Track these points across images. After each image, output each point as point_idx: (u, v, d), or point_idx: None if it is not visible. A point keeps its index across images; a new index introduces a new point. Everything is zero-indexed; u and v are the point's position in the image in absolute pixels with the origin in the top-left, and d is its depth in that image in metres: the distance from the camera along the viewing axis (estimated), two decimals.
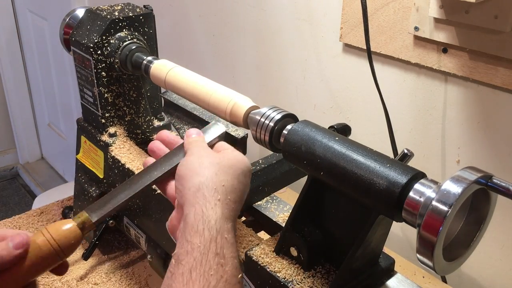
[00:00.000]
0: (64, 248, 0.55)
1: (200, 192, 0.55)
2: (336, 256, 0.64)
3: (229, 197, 0.56)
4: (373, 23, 0.97)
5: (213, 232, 0.52)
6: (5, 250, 0.52)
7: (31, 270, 0.54)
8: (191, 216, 0.53)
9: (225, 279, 0.49)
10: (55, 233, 0.56)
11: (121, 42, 0.91)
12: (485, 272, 0.98)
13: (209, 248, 0.50)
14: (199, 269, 0.49)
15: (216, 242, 0.51)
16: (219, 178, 0.56)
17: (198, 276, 0.49)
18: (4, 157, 3.25)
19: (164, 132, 0.70)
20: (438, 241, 0.48)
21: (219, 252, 0.51)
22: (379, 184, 0.54)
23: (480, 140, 0.91)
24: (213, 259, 0.50)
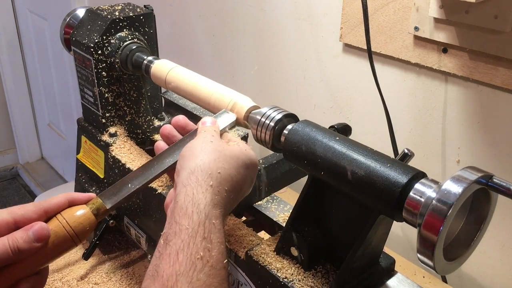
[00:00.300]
0: (79, 234, 0.57)
1: (194, 174, 0.55)
2: (337, 256, 0.64)
3: (222, 185, 0.56)
4: (373, 23, 0.97)
5: (202, 216, 0.52)
6: (26, 243, 0.53)
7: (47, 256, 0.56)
8: (181, 197, 0.54)
9: (211, 264, 0.50)
10: (71, 219, 0.57)
11: (122, 42, 0.91)
12: (485, 272, 0.98)
13: (197, 231, 0.51)
14: (186, 251, 0.50)
15: (204, 226, 0.52)
16: (217, 164, 0.57)
17: (184, 258, 0.50)
18: (4, 157, 3.25)
19: (182, 119, 0.69)
20: (438, 241, 0.48)
21: (207, 236, 0.51)
22: (379, 183, 0.54)
23: (480, 140, 0.91)
24: (200, 243, 0.51)
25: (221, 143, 0.61)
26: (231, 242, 0.72)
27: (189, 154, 0.58)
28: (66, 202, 0.59)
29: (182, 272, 0.49)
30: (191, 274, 0.49)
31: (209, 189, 0.55)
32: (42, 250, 0.55)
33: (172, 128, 0.69)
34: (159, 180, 0.86)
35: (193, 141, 0.61)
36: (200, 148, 0.59)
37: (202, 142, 0.60)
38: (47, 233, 0.55)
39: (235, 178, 0.58)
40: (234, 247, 0.71)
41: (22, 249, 0.53)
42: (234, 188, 0.58)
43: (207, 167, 0.56)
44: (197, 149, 0.59)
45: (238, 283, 0.72)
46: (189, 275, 0.49)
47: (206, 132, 0.62)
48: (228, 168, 0.58)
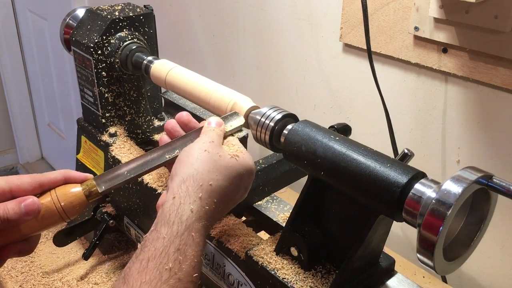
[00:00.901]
0: (67, 211, 0.59)
1: (185, 184, 0.56)
2: (337, 256, 0.64)
3: (212, 198, 0.56)
4: (373, 23, 0.97)
5: (182, 227, 0.53)
6: (17, 214, 0.55)
7: (35, 227, 0.58)
8: (167, 204, 0.54)
9: (178, 277, 0.50)
10: (62, 197, 0.59)
11: (122, 42, 0.91)
12: (485, 272, 0.98)
13: (172, 241, 0.52)
14: (156, 260, 0.50)
15: (181, 238, 0.52)
16: (210, 175, 0.57)
17: (153, 266, 0.50)
18: (4, 157, 3.25)
19: (186, 115, 0.69)
20: (438, 241, 0.48)
21: (181, 248, 0.52)
22: (379, 184, 0.54)
23: (480, 140, 0.91)
24: (172, 254, 0.51)
25: (218, 151, 0.60)
26: (231, 242, 0.72)
27: (185, 160, 0.58)
28: (62, 179, 0.61)
29: (147, 280, 0.49)
30: (154, 284, 0.49)
31: (197, 200, 0.55)
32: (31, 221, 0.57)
33: (176, 124, 0.69)
34: (159, 180, 0.86)
35: (192, 145, 0.61)
36: (197, 155, 0.58)
37: (199, 148, 0.59)
38: (38, 207, 0.56)
39: (226, 190, 0.58)
40: (234, 247, 0.71)
41: (11, 219, 0.55)
42: (224, 199, 0.58)
43: (200, 178, 0.56)
44: (193, 155, 0.58)
45: (238, 283, 0.72)
46: (152, 285, 0.49)
47: (207, 137, 0.62)
48: (221, 180, 0.57)
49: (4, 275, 1.00)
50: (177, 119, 0.69)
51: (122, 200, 0.96)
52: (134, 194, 0.91)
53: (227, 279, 0.75)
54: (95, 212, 1.00)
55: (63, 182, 0.61)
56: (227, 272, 0.74)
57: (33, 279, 1.00)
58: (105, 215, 0.99)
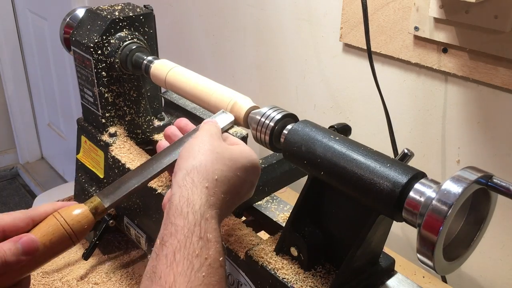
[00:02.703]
0: (77, 232, 0.56)
1: (190, 176, 0.55)
2: (336, 256, 0.64)
3: (218, 187, 0.56)
4: (373, 23, 0.97)
5: (197, 216, 0.52)
6: (14, 256, 0.52)
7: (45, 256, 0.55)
8: (176, 198, 0.54)
9: (209, 263, 0.50)
10: (69, 217, 0.56)
11: (122, 42, 0.91)
12: (485, 272, 0.98)
13: (193, 231, 0.51)
14: (183, 251, 0.50)
15: (200, 226, 0.52)
16: (214, 166, 0.56)
17: (182, 258, 0.49)
18: (4, 157, 3.25)
19: (184, 120, 0.70)
20: (438, 241, 0.48)
21: (203, 236, 0.51)
22: (379, 184, 0.54)
23: (480, 140, 0.91)
24: (197, 243, 0.50)
25: (220, 144, 0.60)
26: (231, 242, 0.72)
27: (187, 154, 0.58)
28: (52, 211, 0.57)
29: (180, 272, 0.48)
30: (189, 273, 0.49)
31: (204, 190, 0.54)
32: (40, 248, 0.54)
33: (176, 129, 0.69)
34: (159, 180, 0.86)
35: (191, 141, 0.60)
36: (198, 148, 0.58)
37: (200, 142, 0.59)
38: (36, 245, 0.53)
39: (232, 181, 0.57)
40: (234, 247, 0.71)
41: (9, 262, 0.51)
42: (231, 190, 0.57)
43: (203, 169, 0.56)
44: (194, 149, 0.58)
45: (238, 283, 0.72)
46: (187, 275, 0.48)
47: (205, 131, 0.62)
48: (225, 170, 0.57)
49: None
50: (176, 125, 0.70)
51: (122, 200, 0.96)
52: (134, 194, 0.91)
53: (227, 279, 0.75)
54: None
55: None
56: (227, 272, 0.74)
57: (33, 279, 1.00)
58: (105, 215, 0.99)
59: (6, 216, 0.55)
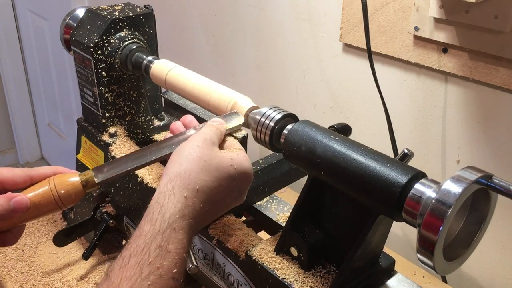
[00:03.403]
0: (64, 199, 0.60)
1: (171, 183, 0.55)
2: (336, 256, 0.64)
3: (198, 198, 0.55)
4: (373, 23, 0.97)
5: (164, 225, 0.52)
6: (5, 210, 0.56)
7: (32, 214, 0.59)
8: (152, 202, 0.55)
9: (159, 273, 0.50)
10: (60, 184, 0.60)
11: (122, 42, 0.91)
12: (485, 272, 0.98)
13: (154, 238, 0.51)
14: (138, 257, 0.50)
15: (163, 235, 0.52)
16: (198, 176, 0.56)
17: (134, 263, 0.50)
18: (4, 157, 3.25)
19: (189, 117, 0.70)
20: (438, 241, 0.48)
21: (163, 245, 0.51)
22: (379, 184, 0.54)
23: (480, 140, 0.91)
24: (154, 250, 0.51)
25: (210, 151, 0.59)
26: (231, 242, 0.72)
27: (175, 159, 0.58)
28: (52, 174, 0.62)
29: (127, 276, 0.49)
30: (135, 279, 0.49)
31: (181, 199, 0.54)
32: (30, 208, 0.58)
33: (181, 125, 0.69)
34: (159, 180, 0.86)
35: (184, 144, 0.60)
36: (187, 154, 0.58)
37: (190, 147, 0.58)
38: (26, 205, 0.57)
39: (215, 191, 0.57)
40: (234, 247, 0.71)
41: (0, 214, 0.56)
42: (213, 200, 0.57)
43: (187, 177, 0.56)
44: (183, 154, 0.58)
45: (238, 283, 0.72)
46: (132, 280, 0.49)
47: (200, 135, 0.61)
48: (209, 180, 0.56)
49: (4, 275, 1.00)
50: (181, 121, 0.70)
51: (122, 200, 0.96)
52: (134, 194, 0.91)
53: (227, 279, 0.75)
54: (95, 212, 1.00)
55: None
56: (227, 272, 0.74)
57: (33, 279, 1.00)
58: (105, 215, 0.99)
59: (6, 171, 0.59)
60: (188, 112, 0.98)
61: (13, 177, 0.59)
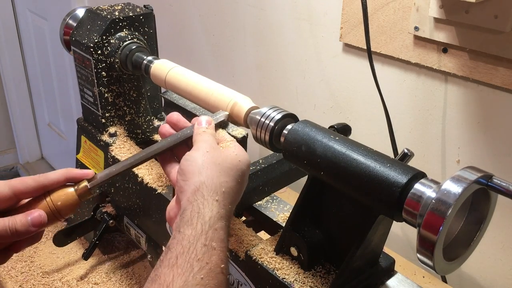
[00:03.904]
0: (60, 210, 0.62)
1: (199, 192, 0.57)
2: (336, 256, 0.64)
3: (227, 199, 0.58)
4: (373, 23, 0.97)
5: (206, 226, 0.54)
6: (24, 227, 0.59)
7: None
8: (187, 213, 0.55)
9: (209, 267, 0.52)
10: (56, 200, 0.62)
11: (121, 42, 0.91)
12: (485, 272, 0.98)
13: (198, 238, 0.53)
14: (185, 256, 0.52)
15: (206, 235, 0.54)
16: (220, 179, 0.58)
17: (183, 262, 0.51)
18: (4, 157, 3.25)
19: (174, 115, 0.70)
20: (438, 241, 0.48)
21: (208, 243, 0.53)
22: (379, 183, 0.54)
23: (480, 140, 0.91)
24: (200, 248, 0.52)
25: (219, 154, 0.61)
26: (231, 242, 0.72)
27: (191, 169, 0.59)
28: (65, 180, 0.64)
29: (179, 273, 0.50)
30: (187, 275, 0.50)
31: (215, 203, 0.56)
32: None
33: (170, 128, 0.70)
34: (159, 180, 0.86)
35: (192, 154, 0.61)
36: (202, 162, 0.59)
37: (202, 155, 0.60)
38: (44, 220, 0.61)
39: (235, 190, 0.59)
40: (234, 247, 0.71)
41: (19, 231, 0.59)
42: (235, 198, 0.60)
43: (211, 183, 0.57)
44: (198, 163, 0.59)
45: (238, 283, 0.72)
46: (185, 275, 0.50)
47: (203, 143, 0.62)
48: (229, 181, 0.59)
49: (4, 275, 1.00)
50: (168, 121, 0.70)
51: (122, 200, 0.96)
52: (134, 194, 0.91)
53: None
54: (95, 212, 1.00)
55: (65, 181, 0.64)
56: None
57: (33, 279, 1.00)
58: (105, 215, 0.99)
59: (18, 182, 0.62)
60: (188, 112, 0.98)
61: (24, 187, 0.62)
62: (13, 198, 0.61)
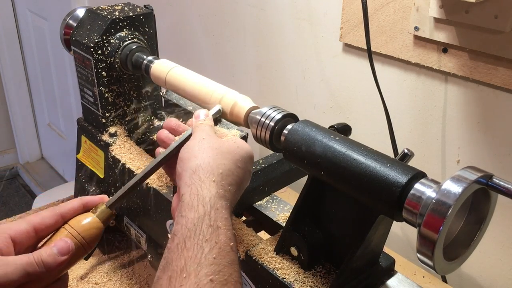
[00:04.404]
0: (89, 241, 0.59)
1: (196, 174, 0.57)
2: (337, 255, 0.64)
3: (224, 180, 0.58)
4: (373, 23, 0.97)
5: (207, 207, 0.54)
6: (51, 257, 0.55)
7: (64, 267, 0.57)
8: (186, 196, 0.55)
9: (219, 246, 0.51)
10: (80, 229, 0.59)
11: (122, 42, 0.91)
12: (485, 272, 0.98)
13: (203, 220, 0.53)
14: (193, 238, 0.51)
15: (209, 215, 0.53)
16: (216, 162, 0.58)
17: (192, 244, 0.51)
18: (4, 157, 3.25)
19: (172, 121, 0.71)
20: (438, 241, 0.48)
21: (213, 224, 0.53)
22: (379, 183, 0.54)
23: (480, 140, 0.91)
24: (207, 229, 0.52)
25: (216, 140, 0.62)
26: None
27: (188, 155, 0.60)
28: (81, 206, 0.62)
29: (191, 256, 0.50)
30: (200, 256, 0.50)
31: (212, 184, 0.56)
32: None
33: (168, 133, 0.70)
34: (159, 180, 0.86)
35: (189, 143, 0.62)
36: (198, 148, 0.60)
37: (198, 142, 0.61)
38: (71, 246, 0.57)
39: (235, 173, 0.59)
40: None
41: (47, 263, 0.55)
42: (236, 182, 0.59)
43: (208, 165, 0.58)
44: (195, 149, 0.60)
45: None
46: (197, 257, 0.50)
47: (200, 132, 0.64)
48: (228, 164, 0.59)
49: None
50: (166, 127, 0.71)
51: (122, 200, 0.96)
52: (134, 194, 0.91)
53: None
54: None
55: (82, 208, 0.62)
56: None
57: None
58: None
59: (34, 217, 0.58)
60: (188, 112, 0.98)
61: (43, 220, 0.58)
62: (33, 234, 0.57)
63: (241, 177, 0.61)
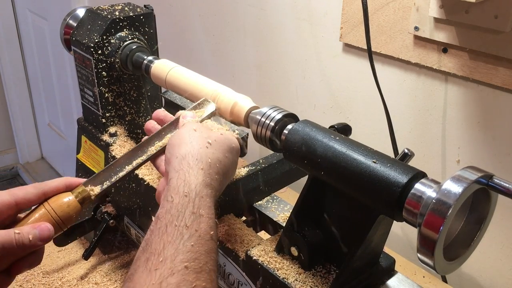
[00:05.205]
0: (65, 221, 0.61)
1: (185, 160, 0.59)
2: (337, 255, 0.64)
3: (212, 169, 0.60)
4: (373, 23, 0.97)
5: (193, 194, 0.56)
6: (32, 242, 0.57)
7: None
8: (174, 181, 0.57)
9: (199, 234, 0.53)
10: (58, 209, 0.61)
11: (122, 42, 0.91)
12: (485, 272, 0.98)
13: (186, 206, 0.54)
14: (175, 224, 0.53)
15: (194, 202, 0.55)
16: (205, 150, 0.61)
17: (172, 230, 0.52)
18: (4, 157, 3.25)
19: (161, 112, 0.74)
20: (438, 241, 0.48)
21: (196, 211, 0.54)
22: (379, 183, 0.54)
23: (480, 140, 0.91)
24: (189, 217, 0.54)
25: (206, 130, 0.65)
26: (231, 242, 0.72)
27: (178, 141, 0.62)
28: (64, 187, 0.64)
29: (170, 240, 0.51)
30: (178, 242, 0.51)
31: (200, 172, 0.58)
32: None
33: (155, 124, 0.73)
34: (159, 180, 0.86)
35: (180, 131, 0.65)
36: (188, 135, 0.62)
37: (188, 130, 0.63)
38: (51, 233, 0.59)
39: (223, 162, 0.62)
40: (234, 247, 0.71)
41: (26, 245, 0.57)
42: (222, 171, 0.61)
43: (197, 153, 0.60)
44: (185, 136, 0.62)
45: (238, 283, 0.72)
46: (175, 243, 0.51)
47: (190, 123, 0.66)
48: (216, 153, 0.61)
49: None
50: (155, 117, 0.73)
51: (122, 200, 0.96)
52: (134, 194, 0.91)
53: (227, 279, 0.75)
54: (95, 212, 1.00)
55: (65, 188, 0.64)
56: (227, 272, 0.74)
57: (33, 279, 1.00)
58: (105, 215, 0.99)
59: (18, 190, 0.61)
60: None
61: (26, 195, 0.61)
62: (14, 207, 0.60)
63: (228, 167, 0.63)
